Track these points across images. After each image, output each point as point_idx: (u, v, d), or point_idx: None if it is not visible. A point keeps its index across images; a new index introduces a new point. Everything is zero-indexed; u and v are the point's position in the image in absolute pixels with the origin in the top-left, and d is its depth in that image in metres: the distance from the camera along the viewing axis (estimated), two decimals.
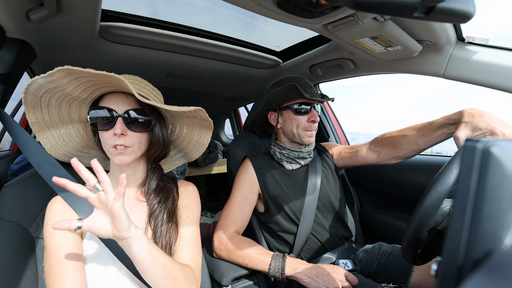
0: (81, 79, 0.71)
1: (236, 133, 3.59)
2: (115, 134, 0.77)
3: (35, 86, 0.69)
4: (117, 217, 0.60)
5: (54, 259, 0.72)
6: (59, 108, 0.80)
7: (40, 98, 0.74)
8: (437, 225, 0.67)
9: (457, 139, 0.83)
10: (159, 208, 0.86)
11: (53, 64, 1.46)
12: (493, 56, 1.07)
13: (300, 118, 1.26)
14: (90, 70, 0.65)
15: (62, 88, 0.72)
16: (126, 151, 0.79)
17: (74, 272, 0.72)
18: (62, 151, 0.88)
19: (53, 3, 0.90)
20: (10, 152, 2.34)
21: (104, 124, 0.78)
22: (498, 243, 0.29)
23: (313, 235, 1.24)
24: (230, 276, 1.08)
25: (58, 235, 0.74)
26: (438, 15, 0.41)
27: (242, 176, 1.29)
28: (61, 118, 0.83)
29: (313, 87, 1.30)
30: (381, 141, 1.22)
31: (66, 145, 0.88)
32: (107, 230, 0.63)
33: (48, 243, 0.74)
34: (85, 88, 0.76)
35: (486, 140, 0.30)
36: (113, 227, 0.62)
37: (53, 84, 0.69)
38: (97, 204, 0.62)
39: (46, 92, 0.73)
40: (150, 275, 0.69)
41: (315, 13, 0.91)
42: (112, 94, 0.81)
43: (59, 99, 0.78)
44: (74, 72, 0.67)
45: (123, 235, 0.62)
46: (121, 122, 0.77)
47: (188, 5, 1.51)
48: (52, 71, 0.64)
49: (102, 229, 0.63)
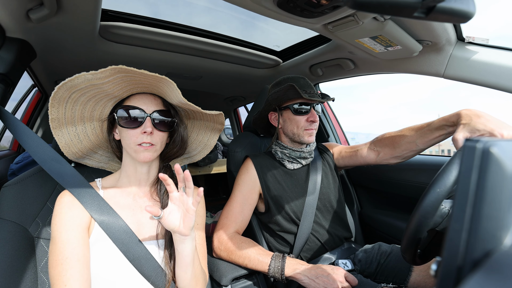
0: (125, 78, 0.75)
1: (236, 133, 3.59)
2: (145, 132, 0.81)
3: (78, 81, 0.70)
4: (190, 217, 0.73)
5: (61, 253, 0.72)
6: (85, 104, 0.81)
7: (71, 94, 0.75)
8: (436, 226, 0.67)
9: (456, 141, 0.83)
10: None
11: (53, 64, 1.46)
12: (493, 56, 1.07)
13: (300, 118, 1.26)
14: (144, 71, 0.72)
15: (102, 85, 0.74)
16: (151, 148, 0.83)
17: (80, 269, 0.72)
18: (75, 149, 0.88)
19: (53, 3, 0.90)
20: (10, 152, 2.34)
21: (132, 123, 0.81)
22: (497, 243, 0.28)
23: (313, 235, 1.24)
24: (229, 276, 1.08)
25: (66, 230, 0.75)
26: (438, 15, 0.41)
27: (243, 176, 1.29)
28: (82, 115, 0.83)
29: (313, 87, 1.30)
30: (380, 141, 1.22)
31: (80, 143, 0.88)
32: (176, 225, 0.74)
33: (55, 237, 0.74)
34: (122, 87, 0.79)
35: (485, 140, 0.30)
36: (181, 224, 0.74)
37: (99, 80, 0.72)
38: (176, 201, 0.75)
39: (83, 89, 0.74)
40: (186, 272, 0.79)
41: (315, 13, 0.91)
42: (141, 94, 0.85)
43: (91, 96, 0.78)
44: (125, 71, 0.71)
45: (186, 233, 0.74)
46: (150, 122, 0.82)
47: (188, 5, 1.51)
48: (105, 69, 0.68)
49: (172, 222, 0.74)
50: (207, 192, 3.71)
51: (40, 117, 2.34)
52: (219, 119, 0.96)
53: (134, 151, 0.83)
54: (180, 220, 0.75)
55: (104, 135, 0.92)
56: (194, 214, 0.74)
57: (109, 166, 1.03)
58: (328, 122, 1.98)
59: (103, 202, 0.81)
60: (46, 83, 1.84)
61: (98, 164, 1.00)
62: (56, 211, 0.77)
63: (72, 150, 0.88)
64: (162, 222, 0.75)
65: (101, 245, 0.79)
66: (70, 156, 0.89)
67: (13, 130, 0.85)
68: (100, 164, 1.01)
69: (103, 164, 1.01)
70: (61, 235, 0.74)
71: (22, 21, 0.93)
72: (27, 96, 2.27)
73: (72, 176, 0.83)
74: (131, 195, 0.89)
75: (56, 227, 0.75)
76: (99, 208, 0.80)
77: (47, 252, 0.88)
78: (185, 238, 0.76)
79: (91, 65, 1.58)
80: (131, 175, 0.89)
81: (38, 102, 2.24)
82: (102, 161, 1.00)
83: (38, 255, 0.87)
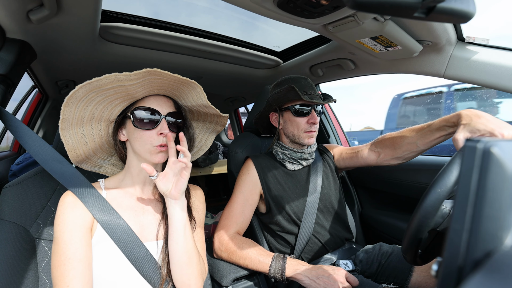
0: (152, 80, 0.76)
1: (237, 133, 3.59)
2: (161, 133, 0.82)
3: (106, 81, 0.70)
4: (182, 181, 0.80)
5: (64, 254, 0.72)
6: (99, 104, 0.80)
7: (88, 93, 0.74)
8: (437, 226, 0.67)
9: (456, 141, 0.83)
10: None
11: (53, 65, 1.47)
12: (493, 56, 1.07)
13: (300, 119, 1.25)
14: (177, 75, 0.76)
15: (130, 86, 0.75)
16: (166, 150, 0.84)
17: (82, 269, 0.72)
18: (80, 151, 0.86)
19: (53, 4, 0.90)
20: (11, 153, 2.34)
21: (148, 124, 0.82)
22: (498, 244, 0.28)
23: (314, 236, 1.24)
24: (230, 276, 1.08)
25: (69, 230, 0.75)
26: (438, 15, 0.41)
27: (244, 176, 1.29)
28: (91, 116, 0.82)
29: (314, 88, 1.29)
30: (381, 142, 1.22)
31: (86, 145, 0.87)
32: (168, 187, 0.80)
33: (58, 237, 0.74)
34: (144, 88, 0.80)
35: (486, 141, 0.30)
36: (173, 187, 0.80)
37: (130, 82, 0.73)
38: (173, 166, 0.81)
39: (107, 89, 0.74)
40: (177, 240, 0.81)
41: (315, 13, 0.91)
42: (155, 96, 0.86)
43: (108, 95, 0.77)
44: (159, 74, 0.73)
45: (177, 196, 0.80)
46: (166, 123, 0.84)
47: (189, 6, 1.51)
48: (139, 71, 0.70)
49: (165, 185, 0.80)
50: (207, 193, 3.71)
51: (41, 118, 2.34)
52: (222, 121, 0.98)
53: (150, 153, 0.83)
54: (172, 184, 0.80)
55: (109, 136, 0.91)
56: (186, 180, 0.80)
57: (103, 170, 0.99)
58: (328, 123, 1.97)
59: (105, 202, 0.81)
60: (47, 84, 1.84)
61: (93, 168, 0.97)
62: (59, 211, 0.77)
63: (77, 153, 0.86)
64: (156, 183, 0.80)
65: (103, 245, 0.79)
66: (74, 159, 0.87)
67: (14, 131, 0.85)
68: (95, 168, 0.97)
69: (97, 168, 0.98)
70: (64, 235, 0.74)
71: (22, 22, 0.93)
72: (28, 97, 2.28)
73: (74, 176, 0.82)
74: (134, 196, 0.89)
75: (59, 228, 0.75)
76: (101, 208, 0.80)
77: (48, 253, 0.88)
78: (176, 202, 0.81)
79: (92, 66, 1.58)
80: (136, 176, 0.89)
81: (39, 103, 2.24)
82: (97, 165, 0.97)
83: (39, 256, 0.87)
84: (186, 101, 0.91)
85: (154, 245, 0.84)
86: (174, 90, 0.86)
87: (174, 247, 0.81)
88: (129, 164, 0.90)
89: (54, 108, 2.35)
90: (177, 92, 0.87)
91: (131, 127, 0.84)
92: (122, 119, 0.86)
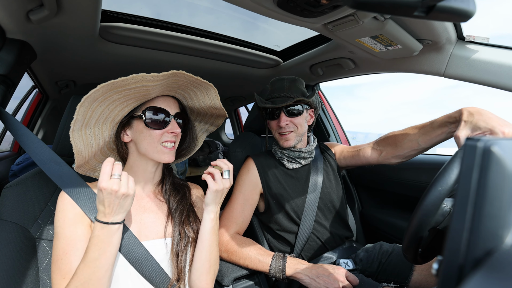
0: (171, 81, 0.77)
1: (237, 133, 3.59)
2: (173, 133, 0.85)
3: (132, 80, 0.70)
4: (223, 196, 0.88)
5: (62, 249, 0.73)
6: (112, 104, 0.78)
7: (108, 92, 0.72)
8: (437, 225, 0.67)
9: (457, 138, 0.83)
10: (180, 206, 0.91)
11: (54, 65, 1.47)
12: (493, 55, 1.07)
13: (272, 123, 1.28)
14: (199, 78, 0.78)
15: (151, 87, 0.76)
16: (174, 149, 0.88)
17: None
18: (85, 153, 0.83)
19: (53, 4, 0.90)
20: (11, 153, 2.34)
21: (159, 123, 0.84)
22: (499, 242, 0.28)
23: (314, 235, 1.24)
24: (231, 276, 1.08)
25: (68, 226, 0.75)
26: (438, 14, 0.41)
27: (244, 176, 1.29)
28: (100, 116, 0.79)
29: (291, 88, 1.24)
30: (384, 140, 1.22)
31: (91, 147, 0.83)
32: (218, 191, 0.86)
33: (58, 233, 0.75)
34: (160, 89, 0.81)
35: (486, 139, 0.30)
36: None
37: (153, 82, 0.74)
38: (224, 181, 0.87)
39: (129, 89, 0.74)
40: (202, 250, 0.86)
41: (315, 12, 0.90)
42: (164, 96, 0.88)
43: (127, 95, 0.77)
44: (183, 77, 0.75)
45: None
46: (175, 123, 0.86)
47: (189, 6, 1.51)
48: (166, 73, 0.71)
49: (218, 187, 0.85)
50: None
51: (41, 118, 2.34)
52: (218, 122, 1.03)
53: (157, 152, 0.84)
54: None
55: (111, 137, 0.89)
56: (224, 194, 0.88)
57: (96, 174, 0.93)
58: (328, 121, 1.97)
59: None
60: (47, 84, 1.84)
61: (87, 172, 0.91)
62: (59, 208, 0.77)
63: (83, 155, 0.83)
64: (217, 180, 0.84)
65: None
66: (78, 162, 0.82)
67: (13, 131, 0.85)
68: (89, 172, 0.91)
69: (91, 172, 0.92)
70: (64, 231, 0.74)
71: (22, 22, 0.93)
72: (28, 97, 2.28)
73: (70, 178, 0.82)
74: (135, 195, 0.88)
75: (59, 223, 0.75)
76: (92, 206, 0.79)
77: (48, 253, 0.88)
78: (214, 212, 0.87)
79: (92, 66, 1.58)
80: (139, 175, 0.89)
81: (39, 103, 2.24)
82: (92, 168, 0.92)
83: (39, 256, 0.87)
84: (195, 102, 0.93)
85: (159, 243, 0.84)
86: (184, 91, 0.87)
87: (198, 255, 0.85)
88: (133, 164, 0.89)
89: (54, 108, 2.36)
90: (187, 93, 0.88)
91: (139, 127, 0.84)
92: (128, 119, 0.86)
